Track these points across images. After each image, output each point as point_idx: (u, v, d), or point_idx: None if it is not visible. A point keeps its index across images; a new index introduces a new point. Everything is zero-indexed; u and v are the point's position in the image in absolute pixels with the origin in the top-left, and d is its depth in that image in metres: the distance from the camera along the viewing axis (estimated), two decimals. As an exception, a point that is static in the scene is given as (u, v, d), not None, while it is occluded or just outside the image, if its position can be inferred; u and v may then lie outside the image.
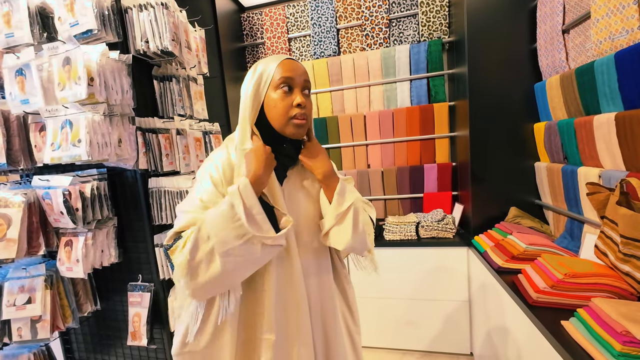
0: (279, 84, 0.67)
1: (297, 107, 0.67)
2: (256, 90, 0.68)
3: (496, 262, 1.32)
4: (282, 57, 0.70)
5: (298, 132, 0.69)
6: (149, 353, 1.31)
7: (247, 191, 0.61)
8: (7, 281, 1.12)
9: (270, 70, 0.68)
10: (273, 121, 0.69)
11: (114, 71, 1.05)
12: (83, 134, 0.97)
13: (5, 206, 1.04)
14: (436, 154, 2.06)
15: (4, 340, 1.14)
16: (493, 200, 1.70)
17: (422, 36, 2.00)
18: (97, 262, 1.16)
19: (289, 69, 0.68)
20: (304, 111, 0.68)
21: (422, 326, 1.84)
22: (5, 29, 1.02)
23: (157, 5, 1.12)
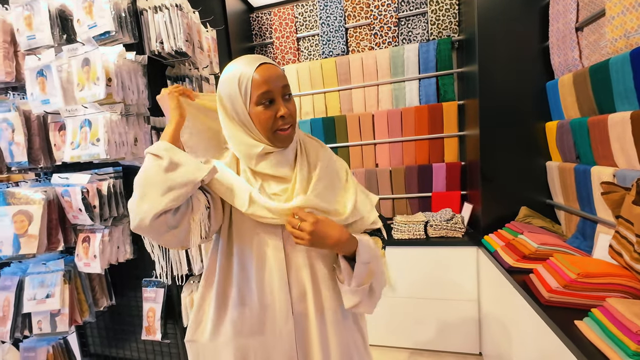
0: (259, 101, 0.65)
1: (280, 118, 0.66)
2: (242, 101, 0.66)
3: (507, 261, 1.32)
4: (255, 63, 0.66)
5: (286, 141, 0.70)
6: (162, 348, 1.34)
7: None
8: (28, 276, 1.16)
9: (247, 80, 0.64)
10: (260, 132, 0.68)
11: (130, 72, 1.07)
12: (102, 133, 0.99)
13: (27, 203, 1.07)
14: (445, 153, 2.05)
15: (25, 332, 1.18)
16: (503, 199, 1.69)
17: (431, 35, 1.99)
18: (113, 258, 1.19)
19: (265, 81, 0.64)
20: (287, 121, 0.67)
21: (430, 325, 1.84)
22: (27, 31, 1.05)
23: (172, 6, 1.14)
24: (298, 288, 0.71)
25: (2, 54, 1.08)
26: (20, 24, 1.06)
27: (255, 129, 0.68)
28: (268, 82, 0.65)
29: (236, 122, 0.69)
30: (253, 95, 0.65)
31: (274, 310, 0.71)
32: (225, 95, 0.68)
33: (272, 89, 0.65)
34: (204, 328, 0.75)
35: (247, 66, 0.65)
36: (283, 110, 0.66)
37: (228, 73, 0.68)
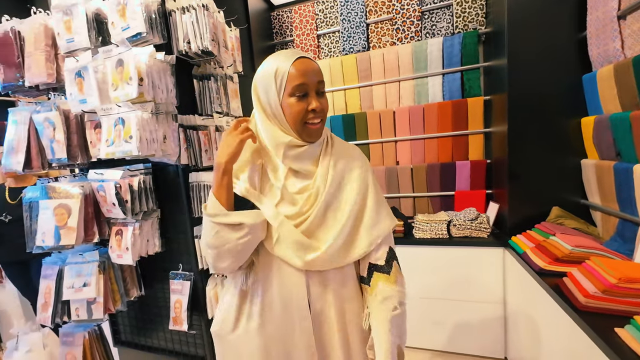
0: (293, 93, 0.67)
1: (311, 112, 0.68)
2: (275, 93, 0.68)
3: (537, 263, 1.26)
4: (293, 57, 0.68)
5: (313, 136, 0.71)
6: (188, 338, 1.39)
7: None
8: (66, 265, 1.24)
9: (282, 74, 0.67)
10: (290, 124, 0.70)
11: (159, 71, 1.11)
12: (134, 130, 1.04)
13: (66, 197, 1.14)
14: (469, 150, 1.99)
15: (64, 318, 1.26)
16: (532, 199, 1.62)
17: (457, 28, 1.93)
18: (143, 251, 1.24)
19: (302, 74, 0.66)
20: (318, 114, 0.69)
21: (452, 327, 1.80)
22: (66, 35, 1.11)
23: (199, 7, 1.16)
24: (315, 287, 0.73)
25: (45, 56, 1.15)
26: (61, 27, 1.12)
27: (285, 120, 0.69)
28: (304, 75, 0.67)
29: (268, 114, 0.72)
30: (288, 87, 0.67)
31: (292, 307, 0.73)
32: (261, 86, 0.71)
33: (307, 82, 0.67)
34: (229, 320, 0.77)
35: (285, 59, 0.68)
36: (315, 103, 0.68)
37: (266, 66, 0.70)
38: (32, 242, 1.16)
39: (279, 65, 0.68)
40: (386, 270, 0.75)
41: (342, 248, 0.73)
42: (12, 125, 1.20)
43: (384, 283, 0.74)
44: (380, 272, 0.75)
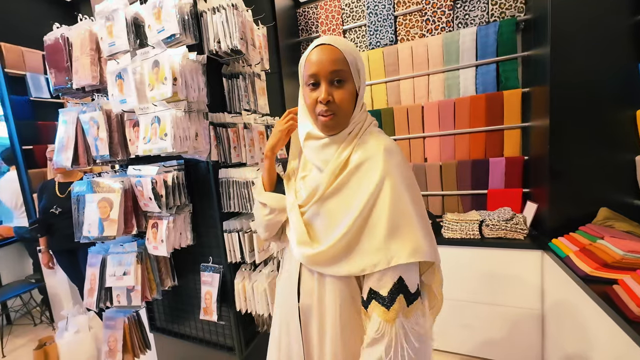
0: (307, 82, 0.67)
1: (320, 103, 0.64)
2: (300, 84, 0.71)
3: (583, 269, 1.16)
4: (315, 44, 0.67)
5: (326, 129, 0.67)
6: (217, 328, 1.45)
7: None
8: (109, 255, 1.33)
9: (302, 63, 0.68)
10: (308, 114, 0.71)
11: (192, 71, 1.15)
12: (169, 128, 1.09)
13: (109, 191, 1.22)
14: (504, 146, 1.87)
15: (107, 304, 1.36)
16: (576, 199, 1.49)
17: (492, 16, 1.81)
18: (177, 243, 1.30)
19: (314, 63, 0.64)
20: (327, 107, 0.64)
21: (484, 332, 1.71)
22: (108, 39, 1.19)
23: (228, 6, 1.19)
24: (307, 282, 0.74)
25: (90, 60, 1.23)
26: (103, 32, 1.19)
27: (303, 107, 0.71)
28: (316, 64, 0.64)
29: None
30: (304, 75, 0.67)
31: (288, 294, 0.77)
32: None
33: (318, 72, 0.64)
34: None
35: (311, 47, 0.67)
36: (322, 94, 0.64)
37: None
38: (79, 233, 1.25)
39: (306, 52, 0.68)
40: (386, 303, 0.62)
41: (333, 257, 0.67)
42: (62, 125, 1.31)
43: (378, 317, 0.62)
44: (378, 303, 0.63)
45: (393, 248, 0.62)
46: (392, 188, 0.63)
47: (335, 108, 0.65)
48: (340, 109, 0.65)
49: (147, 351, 1.50)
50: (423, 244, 0.63)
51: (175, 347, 1.63)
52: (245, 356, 1.43)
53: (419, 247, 0.62)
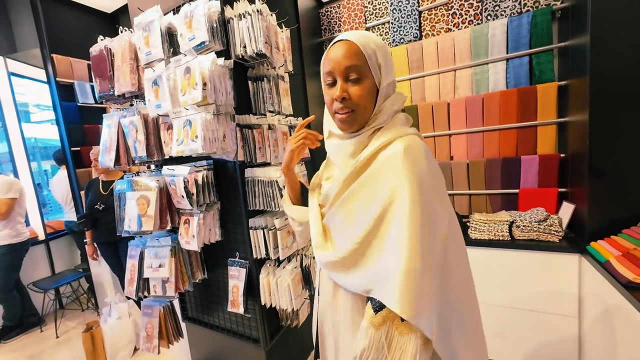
0: (325, 80, 0.67)
1: (336, 101, 0.64)
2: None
3: (625, 275, 1.08)
4: (334, 40, 0.65)
5: (343, 127, 0.66)
6: (244, 320, 1.52)
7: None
8: (146, 248, 1.44)
9: (322, 61, 0.68)
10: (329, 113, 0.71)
11: (220, 76, 1.21)
12: (199, 130, 1.15)
13: (146, 189, 1.32)
14: (538, 143, 1.76)
15: (144, 293, 1.47)
16: (619, 200, 1.38)
17: (525, 6, 1.71)
18: (206, 239, 1.38)
19: (330, 60, 0.64)
20: (343, 104, 0.63)
21: (515, 339, 1.64)
22: (145, 49, 1.28)
23: (254, 12, 1.23)
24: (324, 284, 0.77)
25: (129, 69, 1.34)
26: (141, 43, 1.29)
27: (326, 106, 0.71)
28: (332, 61, 0.64)
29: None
30: (323, 73, 0.68)
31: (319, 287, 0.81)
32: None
33: (333, 69, 0.64)
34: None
35: (331, 44, 0.66)
36: (338, 92, 0.63)
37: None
38: (121, 227, 1.37)
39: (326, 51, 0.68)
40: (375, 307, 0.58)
41: (343, 267, 0.65)
42: (105, 128, 1.43)
43: (366, 319, 0.59)
44: (371, 305, 0.59)
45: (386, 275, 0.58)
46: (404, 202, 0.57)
47: (351, 105, 0.63)
48: (358, 106, 0.63)
49: (180, 339, 1.60)
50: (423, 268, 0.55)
51: (205, 336, 1.73)
52: (269, 348, 1.48)
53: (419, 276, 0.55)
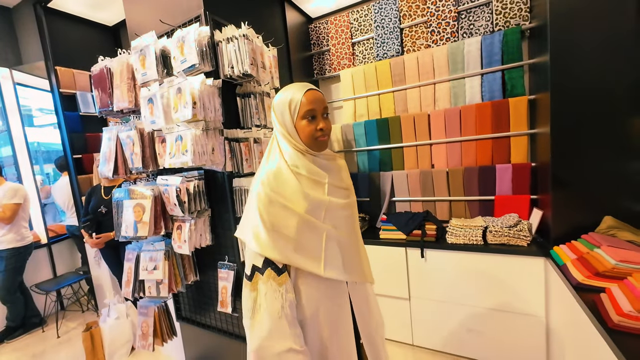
0: (305, 115, 0.84)
1: (319, 130, 0.85)
2: (290, 117, 0.85)
3: (575, 277, 1.18)
4: (304, 88, 0.85)
5: (321, 148, 0.88)
6: (232, 319, 1.62)
7: None
8: (142, 252, 1.55)
9: (295, 103, 0.84)
10: (303, 140, 0.86)
11: (209, 95, 1.33)
12: (189, 145, 1.27)
13: (142, 198, 1.43)
14: (512, 153, 1.88)
15: (140, 294, 1.58)
16: (581, 207, 1.49)
17: (497, 25, 1.83)
18: (198, 243, 1.49)
19: (311, 102, 0.84)
20: (323, 133, 0.85)
21: (488, 337, 1.74)
22: (142, 70, 1.40)
23: (240, 37, 1.36)
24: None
25: (127, 87, 1.46)
26: (138, 64, 1.41)
27: (297, 137, 0.86)
28: (312, 103, 0.85)
29: (284, 132, 0.88)
30: (300, 112, 0.85)
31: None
32: (279, 112, 0.88)
33: (315, 108, 0.85)
34: None
35: (297, 91, 0.86)
36: (322, 124, 0.85)
37: (282, 96, 0.87)
38: (118, 232, 1.48)
39: (292, 95, 0.85)
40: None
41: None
42: (105, 141, 1.55)
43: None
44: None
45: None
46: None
47: (328, 132, 0.88)
48: (330, 133, 0.90)
49: (173, 337, 1.71)
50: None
51: (198, 335, 1.83)
52: (256, 346, 1.59)
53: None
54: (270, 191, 0.81)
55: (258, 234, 0.80)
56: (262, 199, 0.81)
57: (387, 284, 2.01)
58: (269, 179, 0.83)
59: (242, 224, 0.87)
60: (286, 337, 0.77)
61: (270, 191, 0.81)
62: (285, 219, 0.81)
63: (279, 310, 0.77)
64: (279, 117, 0.87)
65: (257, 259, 0.82)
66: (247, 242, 0.82)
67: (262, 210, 0.80)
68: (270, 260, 0.80)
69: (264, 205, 0.81)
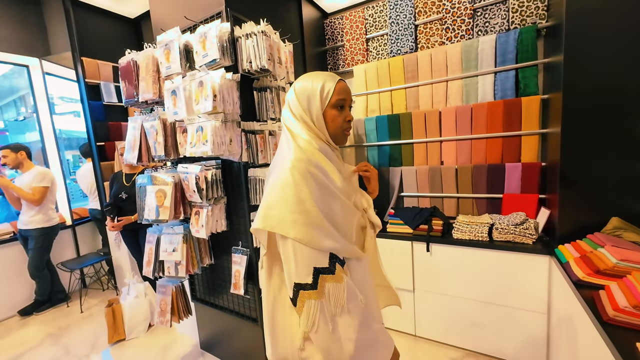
0: (336, 104, 0.82)
1: (347, 122, 0.84)
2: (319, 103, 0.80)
3: (576, 274, 1.22)
4: (336, 77, 0.82)
5: (345, 141, 0.87)
6: (244, 301, 1.73)
7: None
8: (162, 235, 1.66)
9: (328, 90, 0.80)
10: (330, 131, 0.82)
11: (228, 88, 1.40)
12: (209, 135, 1.35)
13: (163, 184, 1.53)
14: (522, 152, 1.89)
15: (160, 274, 1.70)
16: (588, 207, 1.50)
17: (512, 24, 1.83)
18: (214, 229, 1.59)
19: (342, 91, 0.82)
20: (349, 125, 0.85)
21: (492, 331, 1.78)
22: (166, 63, 1.49)
23: (259, 33, 1.42)
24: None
25: (152, 80, 1.55)
26: (162, 58, 1.50)
27: (324, 126, 0.81)
28: (344, 92, 0.83)
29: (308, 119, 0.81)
30: (332, 100, 0.80)
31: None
32: (304, 98, 0.81)
33: (346, 99, 0.84)
34: None
35: (330, 79, 0.81)
36: (350, 116, 0.86)
37: (309, 82, 0.81)
38: (141, 215, 1.59)
39: (324, 82, 0.80)
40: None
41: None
42: (130, 129, 1.65)
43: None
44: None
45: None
46: None
47: (351, 126, 0.88)
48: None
49: (189, 316, 1.82)
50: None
51: (211, 315, 1.95)
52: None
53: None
54: (315, 173, 0.74)
55: (319, 229, 0.71)
56: (311, 185, 0.72)
57: (392, 276, 2.03)
58: (306, 165, 0.74)
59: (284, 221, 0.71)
60: (374, 319, 0.81)
61: (314, 173, 0.74)
62: (333, 205, 0.76)
63: (361, 299, 0.75)
64: (304, 104, 0.80)
65: (318, 259, 0.72)
66: (309, 241, 0.70)
67: (317, 201, 0.72)
68: (333, 254, 0.74)
69: (314, 195, 0.72)
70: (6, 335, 2.47)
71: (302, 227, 0.70)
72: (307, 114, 0.81)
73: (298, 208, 0.71)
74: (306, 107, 0.81)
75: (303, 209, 0.71)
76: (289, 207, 0.71)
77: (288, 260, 0.73)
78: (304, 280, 0.72)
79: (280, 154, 0.82)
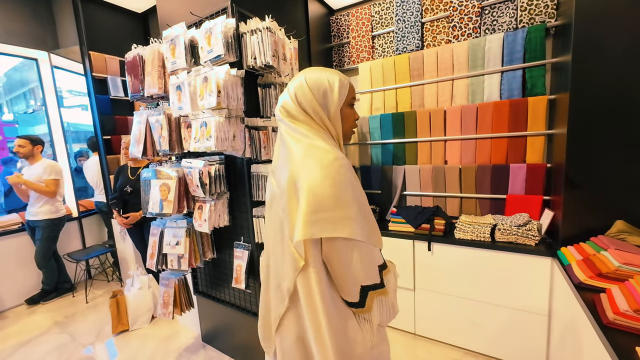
0: (351, 102, 0.84)
1: (356, 121, 0.87)
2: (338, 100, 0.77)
3: (578, 277, 1.21)
4: (340, 74, 0.80)
5: (349, 140, 0.88)
6: (245, 295, 1.75)
7: None
8: (166, 228, 1.68)
9: (347, 86, 0.80)
10: (344, 127, 0.81)
11: (232, 84, 1.41)
12: (213, 131, 1.36)
13: (168, 178, 1.55)
14: (527, 153, 1.87)
15: (163, 266, 1.72)
16: (592, 210, 1.48)
17: (521, 22, 1.80)
18: (216, 223, 1.60)
19: (353, 89, 0.85)
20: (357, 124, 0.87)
21: (492, 331, 1.78)
22: (171, 58, 1.50)
23: (264, 29, 1.42)
24: None
25: (157, 74, 1.56)
26: (168, 53, 1.51)
27: (339, 124, 0.78)
28: (354, 91, 0.85)
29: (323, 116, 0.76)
30: (348, 97, 0.81)
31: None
32: (320, 93, 0.75)
33: (355, 97, 0.86)
34: None
35: (342, 76, 0.80)
36: (357, 114, 0.87)
37: (325, 77, 0.77)
38: (145, 209, 1.62)
39: (341, 79, 0.78)
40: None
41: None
42: (135, 124, 1.67)
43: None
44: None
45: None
46: None
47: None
48: None
49: (191, 308, 1.85)
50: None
51: (212, 308, 1.98)
52: (266, 321, 1.70)
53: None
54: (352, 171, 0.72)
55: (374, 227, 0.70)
56: (358, 183, 0.71)
57: (393, 274, 2.07)
58: (347, 162, 0.72)
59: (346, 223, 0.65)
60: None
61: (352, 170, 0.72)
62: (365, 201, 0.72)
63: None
64: (320, 99, 0.75)
65: (377, 256, 0.72)
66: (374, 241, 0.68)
67: (364, 199, 0.71)
68: (383, 262, 0.74)
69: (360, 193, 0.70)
70: (15, 322, 2.53)
71: (365, 227, 0.66)
72: (324, 110, 0.76)
73: (356, 208, 0.66)
74: (323, 103, 0.75)
75: (359, 208, 0.67)
76: (352, 208, 0.65)
77: (349, 264, 0.66)
78: (374, 280, 0.69)
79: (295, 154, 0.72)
